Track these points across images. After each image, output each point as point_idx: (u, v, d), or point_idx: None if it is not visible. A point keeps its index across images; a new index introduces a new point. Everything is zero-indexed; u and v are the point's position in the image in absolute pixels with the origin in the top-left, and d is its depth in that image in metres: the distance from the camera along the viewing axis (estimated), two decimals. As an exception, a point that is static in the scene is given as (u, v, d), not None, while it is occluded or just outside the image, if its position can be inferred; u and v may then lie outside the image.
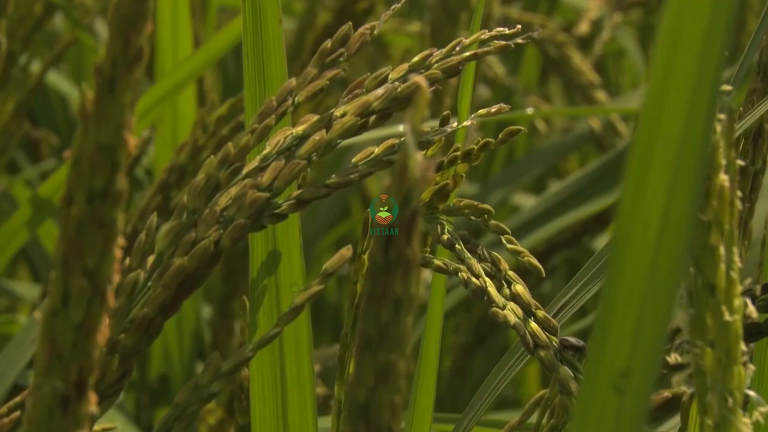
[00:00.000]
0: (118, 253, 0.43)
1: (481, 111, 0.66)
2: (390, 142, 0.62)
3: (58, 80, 1.38)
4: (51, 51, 1.23)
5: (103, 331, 0.43)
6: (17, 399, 0.70)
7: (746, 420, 0.58)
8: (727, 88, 0.58)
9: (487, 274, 0.67)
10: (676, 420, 0.82)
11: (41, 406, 0.43)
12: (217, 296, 1.16)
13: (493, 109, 0.66)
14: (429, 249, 0.70)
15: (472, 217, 0.68)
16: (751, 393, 0.59)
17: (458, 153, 0.67)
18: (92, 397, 0.43)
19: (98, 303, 0.43)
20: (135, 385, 1.19)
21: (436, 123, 0.66)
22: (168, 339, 1.15)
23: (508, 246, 0.67)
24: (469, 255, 0.67)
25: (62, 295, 0.43)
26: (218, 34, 0.96)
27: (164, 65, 1.11)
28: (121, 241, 0.44)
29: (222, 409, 1.03)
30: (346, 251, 0.61)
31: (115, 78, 0.43)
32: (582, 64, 1.37)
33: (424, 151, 0.66)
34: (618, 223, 0.46)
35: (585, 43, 1.50)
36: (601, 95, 1.36)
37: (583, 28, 1.47)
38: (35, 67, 1.26)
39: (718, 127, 0.57)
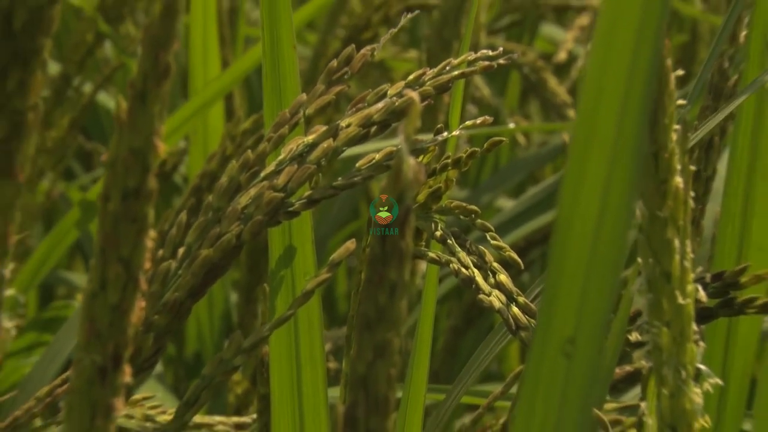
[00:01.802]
0: (149, 243, 0.43)
1: (468, 123, 0.65)
2: (389, 149, 0.62)
3: (107, 99, 1.38)
4: (101, 74, 1.22)
5: (137, 311, 0.42)
6: (69, 372, 0.69)
7: (697, 390, 0.58)
8: (682, 102, 0.58)
9: (475, 266, 0.66)
10: (637, 390, 0.81)
11: (82, 377, 0.42)
12: (242, 285, 1.15)
13: (479, 120, 0.66)
14: (424, 243, 0.69)
15: (462, 217, 0.68)
16: (702, 367, 0.58)
17: (449, 160, 0.66)
18: (127, 369, 0.43)
19: (132, 287, 0.42)
20: (173, 360, 1.18)
21: (430, 135, 0.65)
22: (201, 321, 1.14)
23: (492, 242, 0.67)
24: (459, 249, 0.67)
25: (100, 280, 0.42)
26: (242, 57, 0.96)
27: (197, 83, 1.10)
28: (152, 233, 0.43)
29: (247, 381, 1.02)
30: (351, 244, 0.60)
31: (146, 91, 0.42)
32: (557, 87, 1.37)
33: (420, 158, 0.65)
34: (561, 206, 0.45)
35: (561, 69, 1.49)
36: (572, 113, 1.35)
37: (562, 56, 1.46)
38: (87, 87, 1.26)
39: (674, 136, 0.57)
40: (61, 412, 0.53)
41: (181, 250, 0.59)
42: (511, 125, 1.31)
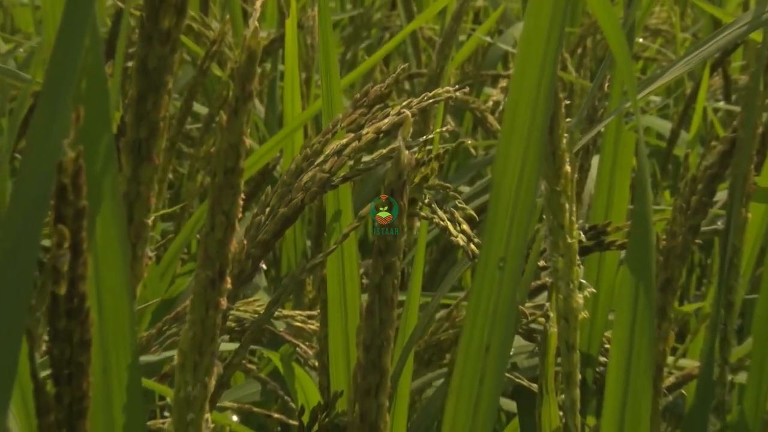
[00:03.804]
0: (240, 202, 0.38)
1: (444, 128, 0.63)
2: (392, 147, 0.58)
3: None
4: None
5: (234, 244, 0.38)
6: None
7: (580, 296, 0.55)
8: (569, 120, 0.55)
9: (449, 220, 0.63)
10: (543, 296, 0.77)
11: (200, 285, 0.38)
12: (313, 235, 1.11)
13: (449, 129, 0.63)
14: (419, 207, 0.66)
15: (441, 191, 0.65)
16: (583, 281, 0.56)
17: (433, 156, 0.63)
18: (228, 280, 0.38)
19: (230, 229, 0.38)
20: (273, 280, 1.14)
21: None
22: (289, 256, 1.10)
23: (459, 206, 0.64)
24: (440, 210, 0.63)
25: (211, 224, 0.38)
26: (312, 104, 0.92)
27: (288, 118, 1.07)
28: (242, 195, 0.39)
29: (315, 290, 0.98)
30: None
31: (238, 108, 0.38)
32: (493, 121, 1.31)
33: (414, 153, 0.62)
34: (494, 173, 0.42)
35: (493, 111, 1.44)
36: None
37: (490, 103, 1.40)
38: (224, 122, 1.22)
39: (564, 141, 0.54)
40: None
41: (267, 210, 0.56)
42: (469, 142, 1.26)
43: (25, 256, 0.29)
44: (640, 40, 1.58)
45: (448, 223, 0.62)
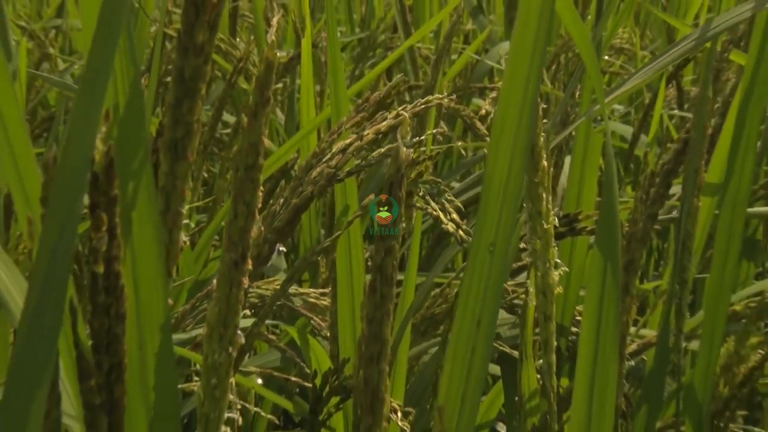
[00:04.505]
0: (260, 194, 0.37)
1: (435, 130, 0.61)
2: (389, 146, 0.57)
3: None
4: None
5: (254, 230, 0.37)
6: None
7: (555, 273, 0.54)
8: (546, 122, 0.54)
9: (441, 210, 0.62)
10: (523, 275, 0.76)
11: (225, 266, 0.37)
12: (325, 224, 1.10)
13: (441, 130, 0.61)
14: (415, 199, 0.65)
15: (435, 186, 0.64)
16: (558, 260, 0.54)
17: (427, 156, 0.62)
18: (249, 262, 0.37)
19: (251, 217, 0.37)
20: (291, 262, 1.13)
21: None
22: (305, 242, 1.09)
23: (449, 198, 0.63)
24: (433, 202, 0.61)
25: (234, 213, 0.37)
26: (323, 111, 0.90)
27: (304, 123, 1.05)
28: (262, 190, 0.37)
29: (327, 270, 0.97)
30: (371, 197, 0.55)
31: (257, 111, 0.37)
32: (480, 127, 1.30)
33: (410, 151, 0.61)
34: (486, 169, 0.41)
35: (482, 119, 1.42)
36: (488, 140, 1.29)
37: (482, 112, 1.39)
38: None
39: (542, 140, 0.53)
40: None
41: (280, 200, 0.54)
42: (460, 144, 1.25)
43: (64, 239, 0.28)
44: (606, 57, 1.57)
45: (440, 213, 0.61)
